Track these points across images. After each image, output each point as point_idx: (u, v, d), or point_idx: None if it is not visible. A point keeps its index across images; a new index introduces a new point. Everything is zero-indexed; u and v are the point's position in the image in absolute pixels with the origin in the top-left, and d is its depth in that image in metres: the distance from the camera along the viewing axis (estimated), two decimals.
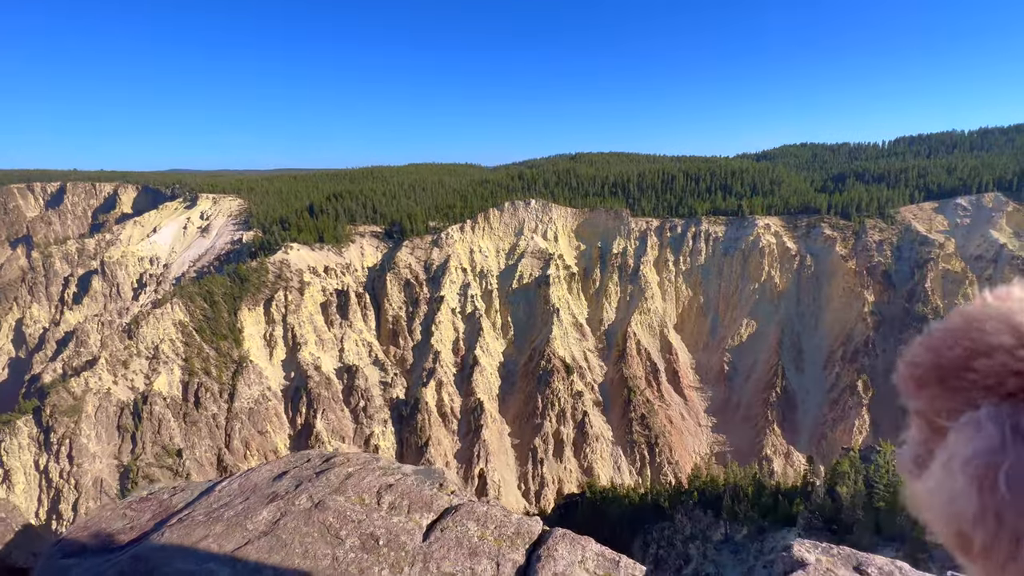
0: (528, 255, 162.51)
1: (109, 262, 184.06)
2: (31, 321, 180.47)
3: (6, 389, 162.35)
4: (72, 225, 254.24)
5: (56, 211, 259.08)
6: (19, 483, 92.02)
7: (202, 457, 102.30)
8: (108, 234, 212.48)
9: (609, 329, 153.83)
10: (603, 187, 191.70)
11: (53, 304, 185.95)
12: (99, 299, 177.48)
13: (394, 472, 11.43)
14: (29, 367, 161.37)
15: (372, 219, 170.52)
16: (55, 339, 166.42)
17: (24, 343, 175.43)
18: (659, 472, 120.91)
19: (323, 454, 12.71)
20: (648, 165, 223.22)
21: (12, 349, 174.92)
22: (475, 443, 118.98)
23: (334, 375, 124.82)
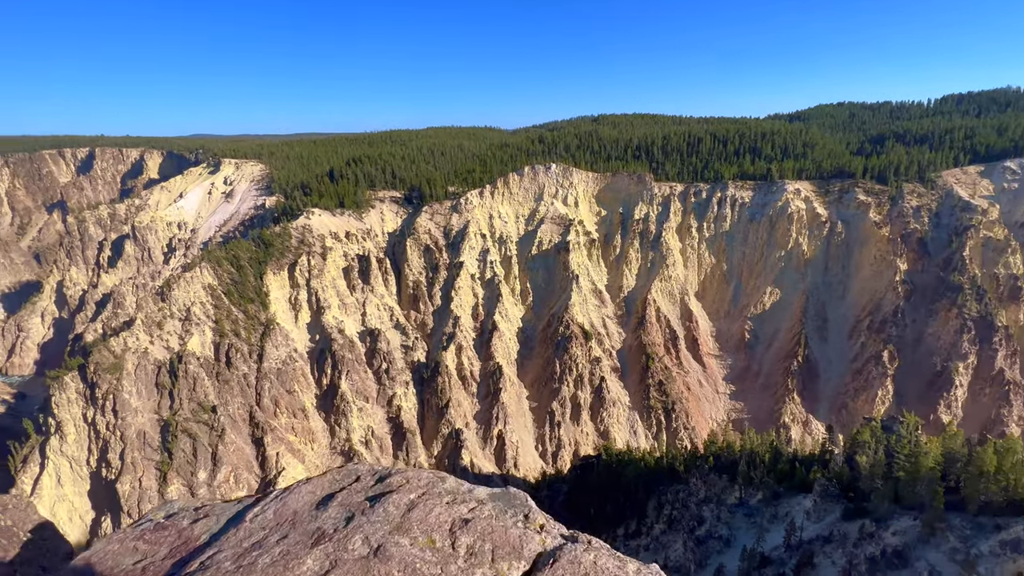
0: (548, 221, 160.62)
1: (140, 227, 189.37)
2: (71, 283, 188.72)
3: (52, 347, 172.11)
4: (103, 190, 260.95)
5: (87, 177, 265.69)
6: (70, 434, 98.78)
7: (235, 413, 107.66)
8: (137, 199, 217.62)
9: (628, 296, 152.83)
10: (626, 150, 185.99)
11: (90, 267, 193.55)
12: (132, 263, 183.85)
13: (466, 499, 9.23)
14: (72, 327, 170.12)
15: (391, 184, 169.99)
16: (94, 300, 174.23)
17: (66, 304, 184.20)
18: (675, 437, 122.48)
19: (374, 470, 10.38)
20: (674, 127, 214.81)
21: (55, 309, 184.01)
22: (494, 405, 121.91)
23: (357, 338, 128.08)
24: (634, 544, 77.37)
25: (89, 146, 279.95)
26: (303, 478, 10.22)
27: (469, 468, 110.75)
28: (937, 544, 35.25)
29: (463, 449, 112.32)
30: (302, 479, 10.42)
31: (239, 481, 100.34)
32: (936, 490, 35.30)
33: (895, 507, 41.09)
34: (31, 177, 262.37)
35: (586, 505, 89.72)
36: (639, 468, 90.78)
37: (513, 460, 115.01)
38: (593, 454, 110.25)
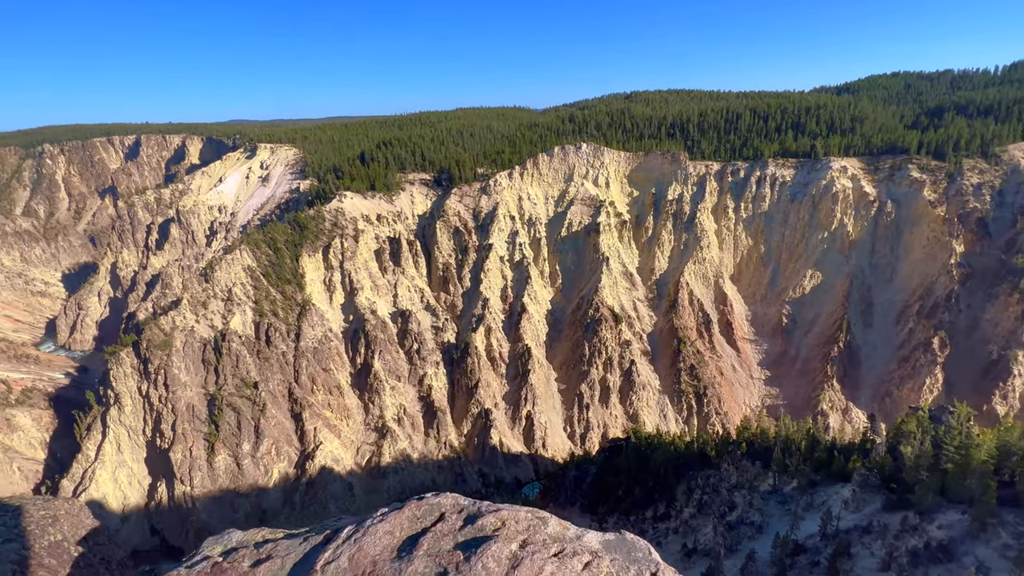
0: (577, 202, 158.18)
1: (183, 211, 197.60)
2: (123, 265, 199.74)
3: (108, 324, 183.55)
4: (149, 175, 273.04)
5: (134, 162, 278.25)
6: (127, 405, 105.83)
7: (275, 389, 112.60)
8: (180, 184, 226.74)
9: (660, 279, 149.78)
10: (660, 128, 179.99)
11: (140, 249, 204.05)
12: (177, 245, 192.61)
13: (577, 550, 7.39)
14: (125, 305, 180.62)
15: (421, 166, 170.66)
16: (144, 281, 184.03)
17: (119, 284, 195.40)
18: (706, 422, 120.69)
19: (459, 505, 8.86)
20: (711, 103, 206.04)
21: (110, 289, 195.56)
22: (523, 386, 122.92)
23: (389, 319, 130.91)
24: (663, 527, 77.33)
25: (135, 133, 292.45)
26: (378, 513, 8.82)
27: (498, 447, 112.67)
28: (987, 540, 33.62)
29: (492, 428, 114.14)
30: (377, 514, 9.10)
31: (280, 453, 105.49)
32: (988, 484, 33.47)
33: (941, 500, 39.31)
34: (84, 164, 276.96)
35: (614, 487, 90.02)
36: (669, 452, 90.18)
37: (542, 440, 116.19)
38: (622, 437, 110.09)
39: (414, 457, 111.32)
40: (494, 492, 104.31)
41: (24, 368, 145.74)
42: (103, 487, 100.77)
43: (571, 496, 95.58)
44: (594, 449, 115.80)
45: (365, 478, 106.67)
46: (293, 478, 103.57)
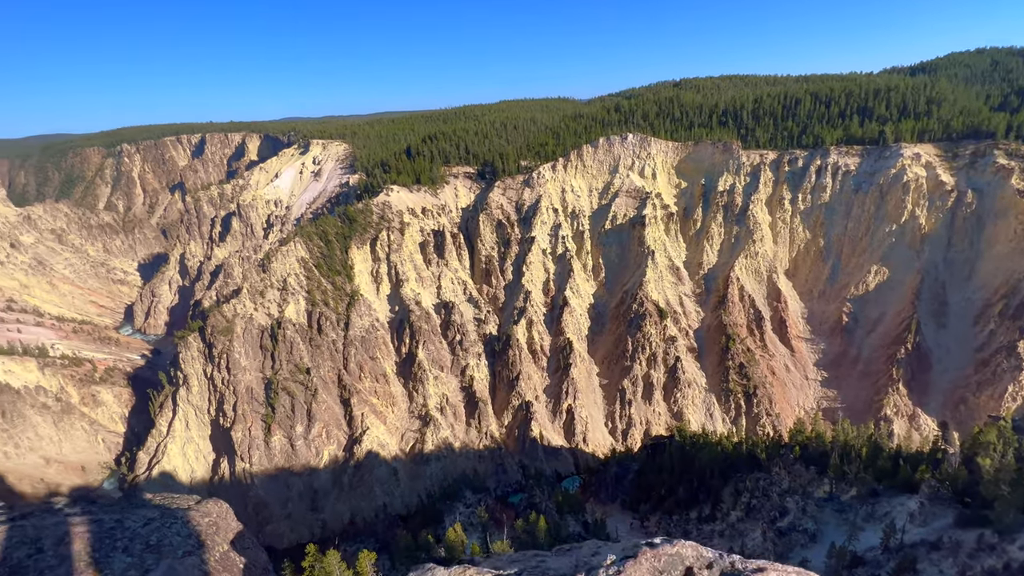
0: (623, 194, 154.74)
1: (243, 205, 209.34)
2: (190, 255, 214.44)
3: (178, 311, 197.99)
4: (212, 171, 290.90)
5: (200, 160, 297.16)
6: (195, 386, 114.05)
7: (326, 376, 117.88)
8: (240, 180, 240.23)
9: (709, 273, 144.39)
10: (711, 116, 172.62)
11: (205, 241, 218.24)
12: (238, 237, 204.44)
13: None
14: (192, 293, 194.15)
15: (465, 160, 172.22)
16: (209, 271, 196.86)
17: (187, 273, 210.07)
18: (756, 423, 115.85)
19: (704, 558, 7.43)
20: (767, 88, 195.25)
21: (179, 278, 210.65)
22: (564, 380, 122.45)
23: (433, 310, 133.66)
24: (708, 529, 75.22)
25: (201, 132, 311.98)
26: (608, 562, 8.16)
27: (539, 440, 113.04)
28: None
29: (533, 421, 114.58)
30: (607, 564, 8.36)
31: (330, 437, 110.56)
32: None
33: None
34: (157, 162, 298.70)
35: (657, 485, 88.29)
36: (715, 452, 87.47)
37: (582, 435, 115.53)
38: (665, 435, 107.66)
39: (456, 446, 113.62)
40: (534, 484, 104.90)
41: (107, 349, 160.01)
42: (173, 460, 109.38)
43: (612, 493, 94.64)
44: (636, 446, 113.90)
45: (409, 464, 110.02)
46: (342, 460, 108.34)
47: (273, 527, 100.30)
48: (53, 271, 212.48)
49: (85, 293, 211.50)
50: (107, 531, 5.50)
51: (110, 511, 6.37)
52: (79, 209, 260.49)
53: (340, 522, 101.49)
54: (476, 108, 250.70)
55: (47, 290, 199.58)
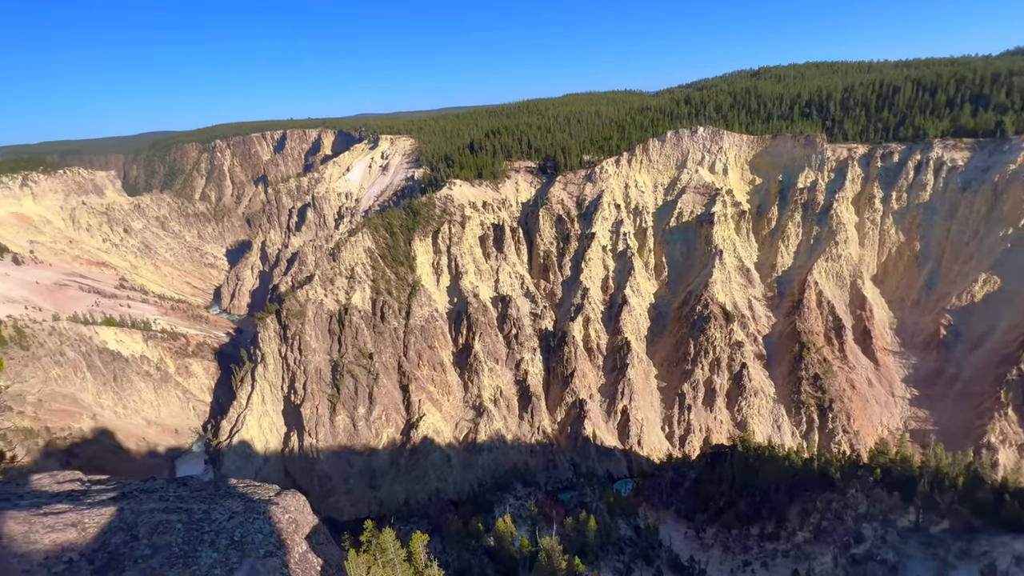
0: (690, 190, 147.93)
1: (317, 197, 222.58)
2: (270, 243, 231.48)
3: (258, 294, 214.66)
4: (291, 165, 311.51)
5: (280, 154, 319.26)
6: (271, 364, 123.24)
7: (387, 362, 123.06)
8: (315, 173, 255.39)
9: (783, 276, 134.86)
10: (792, 108, 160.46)
11: (283, 230, 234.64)
12: (312, 227, 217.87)
13: None
14: (271, 278, 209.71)
15: (527, 154, 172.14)
16: (286, 258, 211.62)
17: (267, 259, 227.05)
18: (830, 439, 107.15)
19: None
20: (859, 75, 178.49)
21: (260, 264, 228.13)
22: (620, 380, 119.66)
23: (490, 303, 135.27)
24: (770, 547, 70.80)
25: (282, 128, 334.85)
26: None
27: (591, 439, 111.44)
28: None
29: (586, 419, 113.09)
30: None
31: (389, 420, 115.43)
32: None
33: None
34: (244, 156, 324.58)
35: (715, 496, 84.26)
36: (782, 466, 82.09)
37: (637, 437, 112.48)
38: (727, 444, 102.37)
39: (508, 438, 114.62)
40: (585, 483, 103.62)
41: (198, 326, 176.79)
42: (251, 431, 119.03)
43: (666, 499, 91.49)
44: (694, 453, 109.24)
45: (462, 452, 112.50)
46: (399, 444, 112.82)
47: (335, 500, 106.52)
48: (157, 254, 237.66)
49: (182, 275, 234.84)
50: (196, 522, 5.88)
51: (199, 498, 6.78)
52: (179, 199, 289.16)
53: (396, 501, 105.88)
54: (540, 102, 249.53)
55: (152, 271, 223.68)
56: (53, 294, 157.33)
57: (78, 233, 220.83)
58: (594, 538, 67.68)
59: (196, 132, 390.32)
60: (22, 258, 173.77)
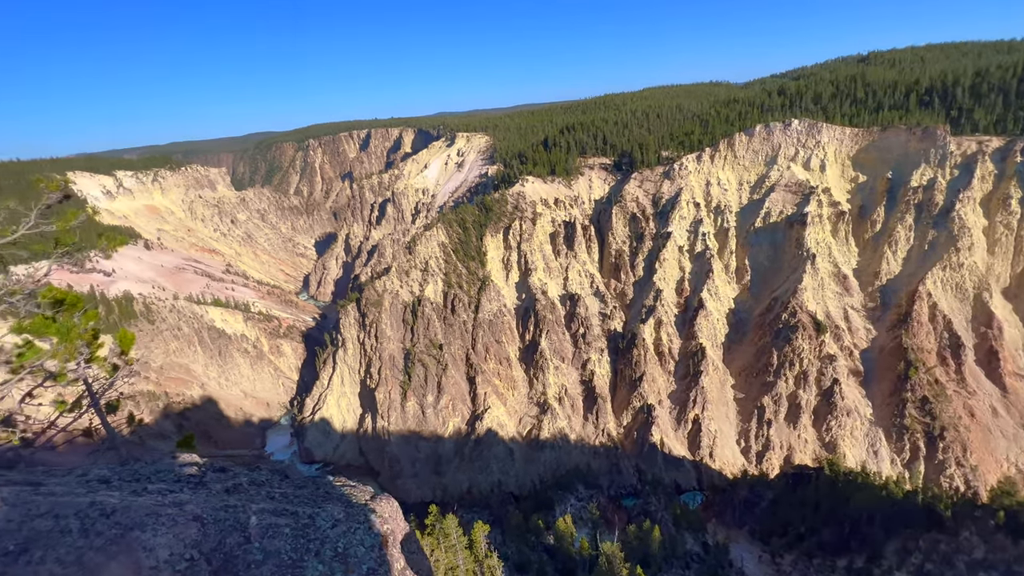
0: (780, 188, 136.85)
1: (397, 193, 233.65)
2: (353, 235, 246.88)
3: (341, 283, 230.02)
4: (375, 163, 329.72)
5: (365, 152, 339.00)
6: (350, 349, 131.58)
7: (456, 353, 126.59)
8: (396, 170, 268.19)
9: (888, 285, 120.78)
10: (908, 96, 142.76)
11: (365, 224, 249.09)
12: (391, 221, 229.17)
13: None
14: (353, 268, 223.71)
15: (602, 150, 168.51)
16: (366, 250, 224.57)
17: (350, 251, 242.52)
18: (940, 472, 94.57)
19: None
20: (994, 58, 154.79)
21: (343, 255, 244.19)
22: (692, 388, 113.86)
23: (558, 301, 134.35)
24: None
25: (367, 128, 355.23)
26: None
27: (658, 446, 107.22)
28: None
29: (653, 426, 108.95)
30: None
31: (455, 410, 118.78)
32: None
33: None
34: (333, 154, 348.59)
35: (796, 521, 77.78)
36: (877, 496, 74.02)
37: (709, 449, 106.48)
38: (812, 465, 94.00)
39: (571, 438, 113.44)
40: (651, 491, 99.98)
41: (288, 310, 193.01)
42: (330, 409, 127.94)
43: (739, 518, 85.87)
44: (773, 472, 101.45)
45: (525, 448, 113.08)
46: (464, 433, 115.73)
47: (403, 482, 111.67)
48: (257, 243, 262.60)
49: (276, 263, 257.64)
50: (302, 528, 5.91)
51: (303, 499, 6.86)
52: (276, 193, 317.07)
53: (459, 489, 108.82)
54: (617, 97, 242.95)
55: (252, 258, 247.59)
56: (174, 276, 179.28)
57: (195, 223, 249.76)
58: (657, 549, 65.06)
59: (293, 132, 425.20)
60: (151, 244, 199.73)
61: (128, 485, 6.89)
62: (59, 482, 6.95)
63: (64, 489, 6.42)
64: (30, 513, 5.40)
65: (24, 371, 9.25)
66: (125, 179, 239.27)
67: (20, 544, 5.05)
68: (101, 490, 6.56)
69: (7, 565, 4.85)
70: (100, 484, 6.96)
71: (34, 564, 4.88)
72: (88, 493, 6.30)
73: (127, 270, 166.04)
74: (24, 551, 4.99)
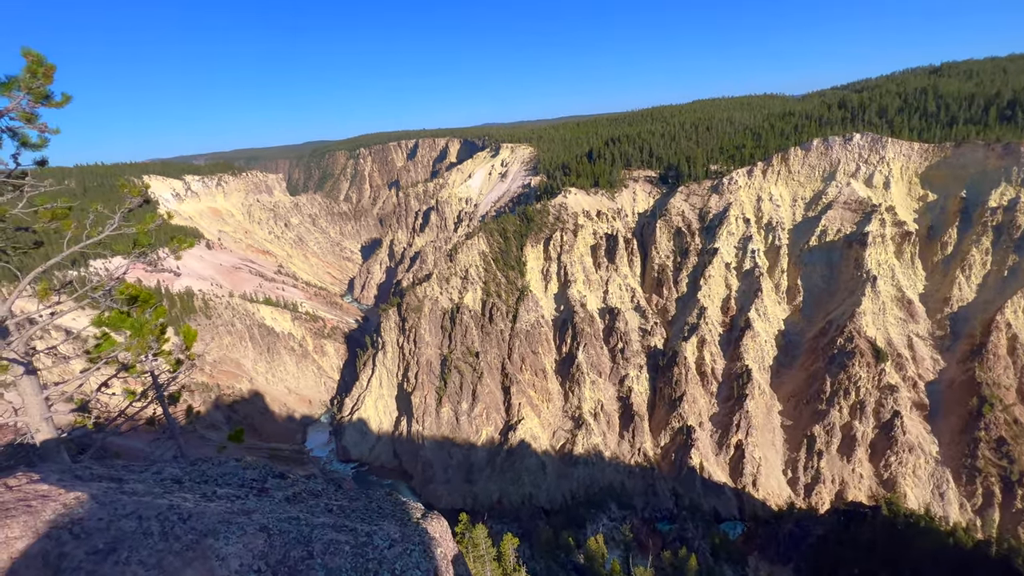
0: (838, 205, 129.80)
1: (441, 201, 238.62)
2: (397, 242, 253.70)
3: (384, 287, 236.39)
4: (421, 172, 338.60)
5: (412, 161, 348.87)
6: (390, 352, 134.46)
7: (492, 362, 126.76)
8: (440, 179, 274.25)
9: (960, 313, 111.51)
10: (986, 110, 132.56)
11: (409, 231, 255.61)
12: (434, 229, 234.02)
13: None
14: (396, 274, 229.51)
15: (647, 163, 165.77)
16: (409, 256, 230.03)
17: (394, 256, 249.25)
18: (1016, 521, 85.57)
19: None
20: None
21: (387, 260, 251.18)
22: (736, 411, 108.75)
23: (597, 314, 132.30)
24: None
25: (415, 138, 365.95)
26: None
27: (698, 470, 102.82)
28: None
29: (693, 448, 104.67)
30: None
31: (489, 418, 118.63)
32: None
33: None
34: (381, 163, 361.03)
35: (848, 562, 72.36)
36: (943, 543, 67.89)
37: (752, 477, 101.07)
38: (867, 503, 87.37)
39: (606, 455, 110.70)
40: (687, 517, 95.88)
41: (333, 312, 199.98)
42: (368, 410, 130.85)
43: (784, 553, 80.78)
44: (823, 506, 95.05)
45: (557, 461, 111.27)
46: (497, 443, 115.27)
47: (434, 487, 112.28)
48: (307, 247, 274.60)
49: (324, 265, 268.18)
50: (360, 545, 5.88)
51: (359, 514, 6.80)
52: (327, 200, 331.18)
53: (489, 499, 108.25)
54: (666, 109, 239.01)
55: (302, 260, 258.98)
56: (231, 275, 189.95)
57: (252, 225, 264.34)
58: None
59: (345, 141, 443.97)
60: (212, 244, 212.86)
61: (199, 487, 7.07)
62: (138, 479, 7.19)
63: (144, 488, 6.62)
64: (117, 513, 5.54)
65: (101, 361, 9.80)
66: (193, 183, 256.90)
67: (108, 543, 5.17)
68: (175, 491, 6.74)
69: (97, 563, 4.99)
70: (174, 484, 7.17)
71: (120, 564, 5.01)
72: (165, 494, 6.48)
73: (190, 268, 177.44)
74: (112, 551, 5.13)
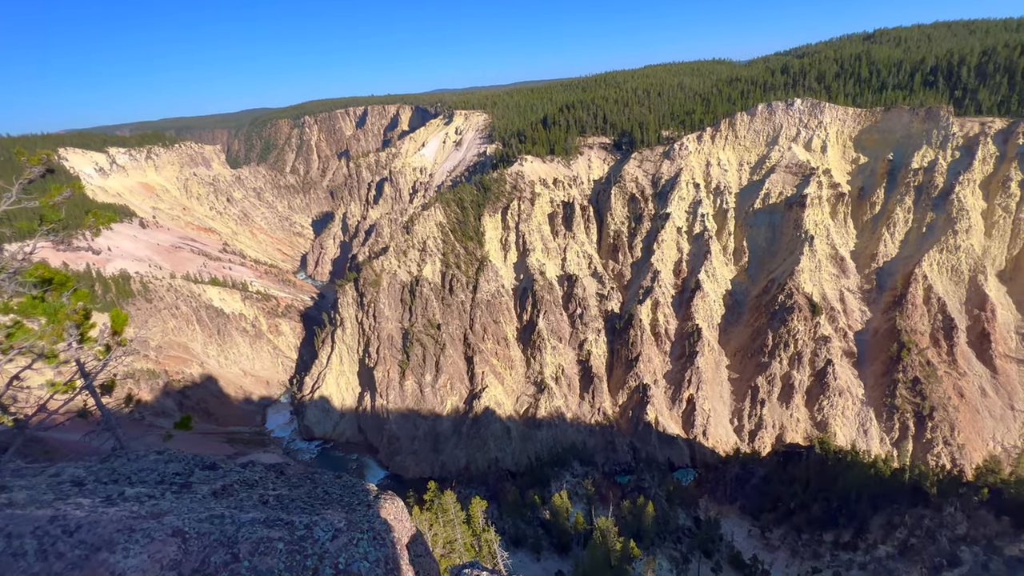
0: (780, 169, 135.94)
1: (394, 172, 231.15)
2: (351, 215, 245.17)
3: (338, 262, 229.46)
4: (371, 141, 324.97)
5: (362, 130, 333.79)
6: (348, 328, 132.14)
7: (454, 333, 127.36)
8: (393, 148, 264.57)
9: (884, 267, 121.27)
10: (913, 75, 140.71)
11: (362, 203, 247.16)
12: (388, 201, 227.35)
13: None
14: (350, 248, 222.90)
15: (602, 129, 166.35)
16: (364, 230, 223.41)
17: (348, 230, 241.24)
18: (927, 451, 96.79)
19: None
20: (1004, 36, 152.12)
21: (341, 234, 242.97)
22: (687, 368, 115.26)
23: (556, 281, 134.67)
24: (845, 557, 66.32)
25: (364, 105, 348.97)
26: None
27: (653, 425, 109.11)
28: None
29: (648, 405, 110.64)
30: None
31: (453, 388, 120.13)
32: None
33: None
34: (329, 131, 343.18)
35: (786, 497, 79.78)
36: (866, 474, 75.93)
37: (702, 428, 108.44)
38: (803, 444, 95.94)
39: (567, 416, 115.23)
40: (644, 469, 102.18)
41: (286, 290, 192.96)
42: (329, 388, 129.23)
43: (731, 494, 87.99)
44: (765, 450, 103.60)
45: (521, 426, 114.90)
46: (462, 412, 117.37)
47: (402, 459, 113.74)
48: (253, 222, 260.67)
49: (274, 242, 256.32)
50: (297, 541, 4.93)
51: (299, 504, 5.94)
52: (272, 172, 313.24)
53: (457, 466, 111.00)
54: (619, 74, 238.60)
55: (248, 237, 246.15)
56: (170, 255, 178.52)
57: (190, 201, 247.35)
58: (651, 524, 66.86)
59: (288, 109, 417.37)
60: (146, 222, 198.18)
61: (103, 489, 6.05)
62: (26, 485, 6.13)
63: (28, 496, 5.58)
64: None
65: (13, 351, 8.79)
66: (118, 156, 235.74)
67: None
68: (72, 495, 5.78)
69: None
70: (72, 487, 6.13)
71: None
72: (55, 500, 5.51)
73: (123, 249, 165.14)
74: None
